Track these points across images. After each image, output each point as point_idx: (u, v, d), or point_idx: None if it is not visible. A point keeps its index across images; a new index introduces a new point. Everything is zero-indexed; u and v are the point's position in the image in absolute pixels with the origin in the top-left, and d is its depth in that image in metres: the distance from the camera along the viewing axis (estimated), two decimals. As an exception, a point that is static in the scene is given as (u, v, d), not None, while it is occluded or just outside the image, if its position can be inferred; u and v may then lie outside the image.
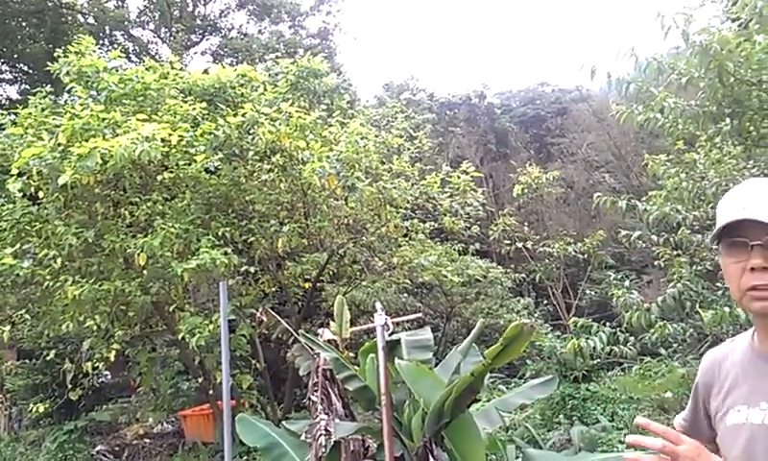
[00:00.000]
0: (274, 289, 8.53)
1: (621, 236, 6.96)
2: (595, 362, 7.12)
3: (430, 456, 3.26)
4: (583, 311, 10.42)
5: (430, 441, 3.33)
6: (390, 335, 4.00)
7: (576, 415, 6.18)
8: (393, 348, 4.01)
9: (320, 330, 4.72)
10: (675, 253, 5.96)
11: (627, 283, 5.76)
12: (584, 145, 17.39)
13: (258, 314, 5.08)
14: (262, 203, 7.13)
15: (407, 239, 8.27)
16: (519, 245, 9.92)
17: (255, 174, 7.23)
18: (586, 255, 9.71)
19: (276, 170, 7.09)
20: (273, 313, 5.12)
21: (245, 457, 6.52)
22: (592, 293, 10.18)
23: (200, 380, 7.79)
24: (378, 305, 3.89)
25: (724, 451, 1.42)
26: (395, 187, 7.36)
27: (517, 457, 3.83)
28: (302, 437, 3.95)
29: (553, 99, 21.83)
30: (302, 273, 7.92)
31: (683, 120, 6.10)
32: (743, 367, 1.40)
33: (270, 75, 8.71)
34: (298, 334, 4.49)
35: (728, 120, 5.67)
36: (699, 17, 5.38)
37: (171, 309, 7.03)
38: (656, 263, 7.29)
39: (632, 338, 5.98)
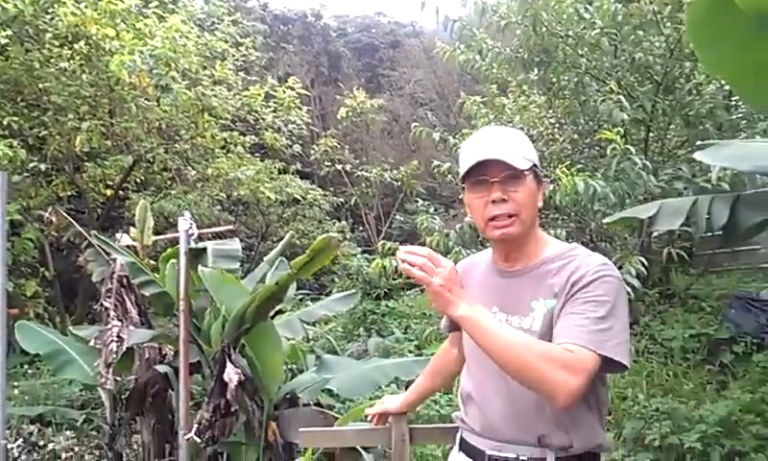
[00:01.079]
0: (69, 193, 7.75)
1: (432, 167, 7.41)
2: (396, 282, 7.62)
3: (228, 361, 3.26)
4: (393, 238, 11.01)
5: (228, 346, 3.33)
6: (196, 244, 3.89)
7: (374, 328, 6.62)
8: (198, 256, 3.89)
9: (118, 236, 4.42)
10: (476, 187, 6.48)
11: (432, 210, 6.16)
12: (412, 81, 17.90)
13: (47, 214, 4.60)
14: (59, 94, 6.34)
15: (225, 151, 7.93)
16: (339, 167, 10.09)
17: (53, 60, 6.38)
18: (400, 183, 10.19)
19: (77, 58, 6.32)
20: (64, 214, 4.68)
21: (26, 367, 5.99)
22: (401, 219, 10.76)
23: (-27, 286, 6.91)
24: (186, 213, 3.73)
25: (465, 345, 1.72)
26: (215, 95, 6.95)
27: (316, 365, 4.00)
28: (92, 343, 3.74)
29: (388, 30, 22.00)
30: (104, 177, 7.26)
31: (498, 63, 6.55)
32: (484, 277, 1.67)
33: (77, -51, 7.62)
34: (91, 237, 4.16)
35: (536, 70, 6.19)
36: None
37: (-63, 205, 6.06)
38: (461, 198, 7.90)
39: (431, 261, 6.47)
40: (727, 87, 5.84)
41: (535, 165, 1.54)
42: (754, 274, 6.43)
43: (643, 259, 4.81)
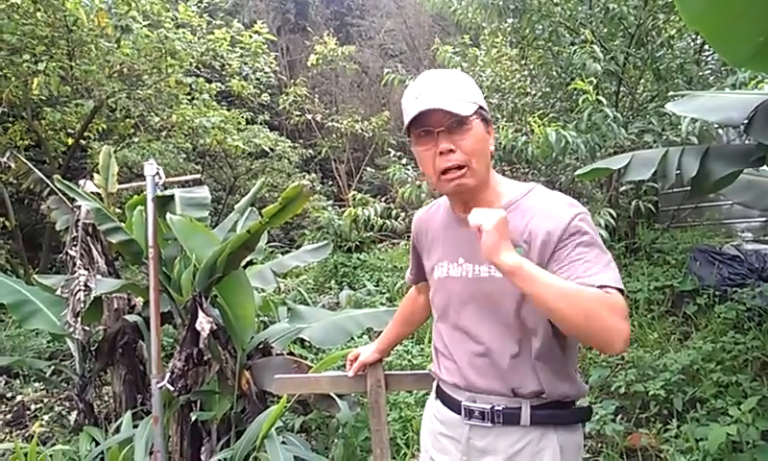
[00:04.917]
0: (28, 141, 7.44)
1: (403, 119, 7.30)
2: (368, 235, 7.60)
3: (199, 310, 3.22)
4: (363, 192, 10.92)
5: (200, 295, 3.27)
6: (163, 191, 3.78)
7: (346, 281, 6.61)
8: (165, 204, 3.79)
9: (81, 182, 4.27)
10: (447, 138, 6.43)
11: (404, 161, 6.11)
12: (382, 31, 17.53)
13: (5, 159, 4.42)
14: (12, 32, 5.99)
15: (190, 98, 7.65)
16: (309, 117, 9.90)
17: (3, -3, 6.00)
18: (371, 135, 10.07)
19: (30, -5, 5.97)
20: (23, 160, 4.50)
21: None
22: (372, 171, 10.69)
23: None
24: (152, 160, 3.60)
25: (433, 300, 1.63)
26: (178, 38, 6.66)
27: (288, 316, 3.98)
28: (58, 292, 3.64)
29: (356, -23, 21.41)
30: (65, 124, 6.95)
31: (473, 8, 6.43)
32: (444, 228, 1.59)
33: None
34: (54, 183, 4.01)
35: (511, 18, 6.10)
36: None
37: None
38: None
39: (402, 213, 6.47)
40: (698, 42, 5.89)
41: (481, 108, 1.43)
42: (717, 229, 6.58)
43: (612, 212, 4.88)
